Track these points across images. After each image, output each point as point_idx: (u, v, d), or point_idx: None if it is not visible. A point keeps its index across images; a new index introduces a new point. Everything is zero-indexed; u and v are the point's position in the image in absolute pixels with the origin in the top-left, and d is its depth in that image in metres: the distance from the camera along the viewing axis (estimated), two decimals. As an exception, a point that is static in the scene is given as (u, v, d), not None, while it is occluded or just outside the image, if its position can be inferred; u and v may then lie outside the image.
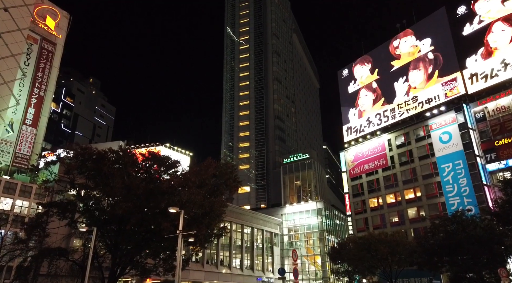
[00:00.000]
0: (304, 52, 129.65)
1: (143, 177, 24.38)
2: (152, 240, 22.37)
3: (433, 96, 54.79)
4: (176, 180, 22.68)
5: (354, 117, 66.34)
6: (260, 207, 79.65)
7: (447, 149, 50.53)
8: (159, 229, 20.57)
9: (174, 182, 22.65)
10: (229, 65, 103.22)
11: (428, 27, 58.59)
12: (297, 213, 69.88)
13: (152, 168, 24.82)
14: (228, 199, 26.06)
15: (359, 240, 44.13)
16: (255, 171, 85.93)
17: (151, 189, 22.11)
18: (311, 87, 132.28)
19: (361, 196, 60.43)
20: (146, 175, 24.42)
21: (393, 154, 57.65)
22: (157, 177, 24.20)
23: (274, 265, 65.36)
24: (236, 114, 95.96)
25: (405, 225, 52.88)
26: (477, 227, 33.55)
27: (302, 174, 73.76)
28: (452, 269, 34.59)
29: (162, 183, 23.24)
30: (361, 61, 68.79)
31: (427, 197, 51.79)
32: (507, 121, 46.27)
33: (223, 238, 54.41)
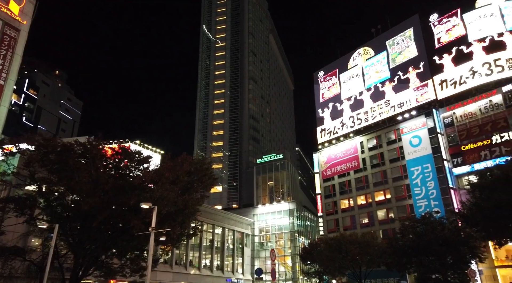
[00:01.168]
0: (280, 53, 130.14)
1: (112, 172, 22.90)
2: (120, 239, 20.94)
3: (405, 101, 56.23)
4: (148, 176, 21.40)
5: (328, 119, 66.99)
6: (231, 207, 78.72)
7: (417, 152, 51.95)
8: (128, 227, 19.28)
9: (146, 177, 21.37)
10: (204, 63, 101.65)
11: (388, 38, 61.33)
12: (269, 213, 69.60)
13: (122, 163, 23.38)
14: (203, 197, 25.07)
15: (330, 240, 44.32)
16: (228, 171, 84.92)
17: (121, 184, 20.74)
18: (286, 89, 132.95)
19: (333, 197, 61.01)
20: (115, 170, 22.93)
21: (365, 156, 58.63)
22: (128, 172, 22.78)
23: (244, 265, 64.69)
24: (210, 113, 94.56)
25: (374, 226, 53.82)
26: (445, 228, 34.53)
27: (275, 175, 73.60)
28: (419, 269, 35.35)
29: (132, 178, 21.88)
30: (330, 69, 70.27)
31: (396, 199, 52.98)
32: (473, 127, 48.16)
33: (193, 238, 53.06)
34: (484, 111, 47.66)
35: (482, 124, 47.31)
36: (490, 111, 47.18)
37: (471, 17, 52.23)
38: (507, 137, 44.36)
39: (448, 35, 53.96)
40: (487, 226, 27.86)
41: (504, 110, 45.90)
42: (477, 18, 51.65)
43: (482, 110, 47.95)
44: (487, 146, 45.93)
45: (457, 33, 52.87)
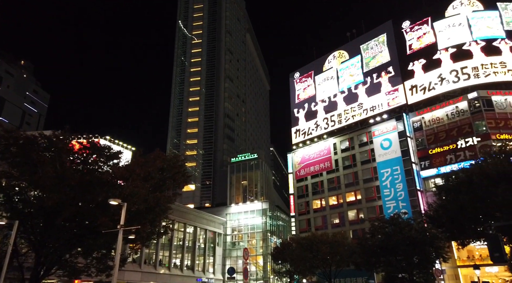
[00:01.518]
0: (256, 53, 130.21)
1: (79, 167, 21.84)
2: (86, 237, 19.97)
3: (377, 104, 57.67)
4: (117, 172, 20.55)
5: (303, 120, 67.65)
6: (204, 206, 77.82)
7: (387, 155, 53.40)
8: (95, 224, 18.42)
9: (116, 173, 20.50)
10: (179, 59, 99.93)
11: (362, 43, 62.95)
12: (242, 213, 69.35)
13: (91, 158, 22.36)
14: (175, 195, 24.41)
15: (302, 240, 44.72)
16: (202, 169, 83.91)
17: (88, 180, 19.80)
18: (261, 89, 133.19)
19: (306, 197, 61.65)
20: (83, 165, 21.88)
21: (338, 158, 59.64)
22: (96, 168, 21.79)
23: (216, 265, 64.10)
24: (185, 110, 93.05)
25: (345, 227, 54.82)
26: (412, 229, 35.61)
27: (249, 174, 73.44)
28: (387, 269, 36.28)
29: (101, 174, 20.94)
30: (306, 71, 71.03)
31: (366, 200, 54.22)
32: (440, 131, 50.09)
33: (164, 237, 51.95)
34: (451, 117, 49.68)
35: (449, 129, 49.30)
36: (456, 117, 49.23)
37: (440, 25, 54.35)
38: (471, 143, 46.42)
39: (419, 42, 55.87)
40: (452, 227, 28.87)
41: (469, 116, 48.02)
42: (447, 27, 53.81)
43: (449, 116, 49.96)
44: (452, 150, 47.88)
45: (428, 41, 54.85)
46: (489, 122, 46.21)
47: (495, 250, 12.49)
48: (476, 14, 52.81)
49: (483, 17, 52.42)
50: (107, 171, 21.38)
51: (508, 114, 46.49)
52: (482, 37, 51.10)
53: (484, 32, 51.39)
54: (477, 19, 52.46)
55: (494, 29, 51.42)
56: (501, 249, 13.08)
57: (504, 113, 46.63)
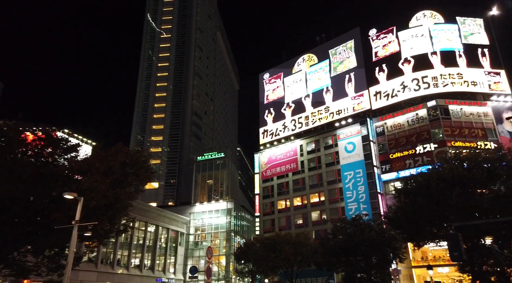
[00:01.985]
0: (227, 52, 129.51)
1: (32, 159, 20.34)
2: (37, 234, 18.59)
3: (343, 108, 59.14)
4: (75, 165, 19.34)
5: (271, 121, 67.99)
6: (167, 204, 76.02)
7: (351, 158, 54.84)
8: (48, 220, 17.17)
9: (73, 167, 19.29)
10: (147, 53, 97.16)
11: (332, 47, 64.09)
12: (206, 212, 68.47)
13: (46, 150, 20.91)
14: (138, 191, 23.41)
15: (266, 240, 44.79)
16: (166, 167, 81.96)
17: (42, 173, 18.47)
18: (231, 88, 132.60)
19: (271, 197, 61.96)
20: (36, 157, 20.41)
21: (304, 159, 60.48)
22: (51, 161, 20.38)
23: (177, 265, 62.79)
24: (151, 106, 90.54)
25: (308, 227, 55.60)
26: (372, 230, 36.72)
27: (215, 173, 72.71)
28: (347, 269, 37.15)
29: (57, 167, 19.61)
30: (276, 72, 71.56)
31: (329, 201, 55.34)
32: (401, 137, 52.19)
33: (123, 236, 50.08)
34: (411, 124, 51.92)
35: (409, 135, 51.47)
36: (416, 124, 51.51)
37: (405, 35, 56.75)
38: (429, 149, 48.74)
39: (384, 50, 57.99)
40: (409, 228, 30.01)
41: (428, 123, 50.41)
42: (410, 37, 56.29)
43: (409, 122, 52.17)
44: (411, 155, 50.02)
45: (392, 49, 57.05)
46: (445, 130, 48.76)
47: (455, 249, 13.01)
48: (437, 27, 55.67)
49: (443, 30, 55.36)
50: (63, 165, 20.07)
51: (463, 123, 49.31)
52: (442, 48, 53.94)
53: (444, 44, 54.26)
54: (438, 31, 55.32)
55: (453, 41, 54.45)
56: (460, 248, 13.64)
57: (459, 122, 49.40)
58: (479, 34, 55.32)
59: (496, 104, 50.24)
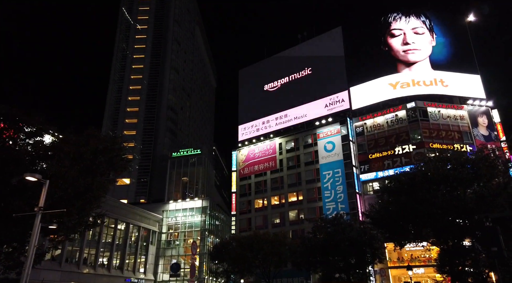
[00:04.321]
0: (205, 48, 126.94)
1: (-10, 142, 17.84)
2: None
3: (324, 107, 58.61)
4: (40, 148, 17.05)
5: (251, 118, 66.56)
6: (139, 202, 72.83)
7: (330, 157, 54.39)
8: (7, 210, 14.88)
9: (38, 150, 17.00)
10: (121, 44, 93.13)
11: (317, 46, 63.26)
12: (181, 210, 66.09)
13: (6, 133, 18.44)
14: (111, 181, 21.27)
15: (243, 239, 43.44)
16: (139, 163, 78.59)
17: (1, 157, 16.11)
18: (208, 85, 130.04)
19: (248, 196, 60.56)
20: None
21: (283, 158, 59.52)
22: (13, 145, 17.94)
23: (148, 265, 60.09)
24: (124, 98, 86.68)
25: (285, 227, 54.65)
26: (353, 230, 36.18)
27: (190, 170, 70.44)
28: (326, 269, 36.40)
29: (19, 151, 17.24)
30: (256, 69, 70.52)
31: (308, 200, 54.64)
32: (380, 138, 52.30)
33: (90, 233, 47.10)
34: (391, 124, 52.15)
35: (388, 136, 51.66)
36: (395, 125, 51.80)
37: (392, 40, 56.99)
38: (408, 150, 49.08)
39: (368, 50, 57.88)
40: (393, 227, 29.56)
41: (407, 125, 50.79)
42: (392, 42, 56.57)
43: (389, 123, 52.40)
44: (390, 156, 50.20)
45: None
46: (424, 131, 49.26)
47: (493, 244, 12.06)
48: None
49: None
50: (25, 148, 17.70)
51: (440, 126, 50.04)
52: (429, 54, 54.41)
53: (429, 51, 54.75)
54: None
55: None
56: (500, 243, 12.72)
57: (437, 124, 50.08)
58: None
59: (472, 108, 51.39)
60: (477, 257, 27.42)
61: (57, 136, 20.73)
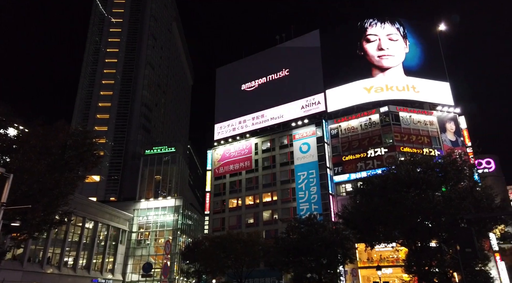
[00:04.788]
0: (182, 45, 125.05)
1: None
2: None
3: (300, 109, 59.09)
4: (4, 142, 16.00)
5: (227, 117, 66.09)
6: (109, 200, 70.59)
7: (305, 158, 54.88)
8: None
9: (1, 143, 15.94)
10: (95, 37, 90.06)
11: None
12: (152, 209, 64.64)
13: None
14: (80, 177, 20.31)
15: (216, 239, 43.05)
16: (110, 159, 76.21)
17: (-41, 150, 14.98)
18: (184, 82, 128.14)
19: (222, 195, 60.09)
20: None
21: (258, 158, 59.49)
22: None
23: (116, 264, 58.35)
24: (96, 93, 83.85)
25: (259, 227, 54.61)
26: (326, 230, 36.62)
27: (164, 168, 69.03)
28: (298, 269, 36.62)
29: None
30: (234, 68, 70.09)
31: (282, 201, 54.87)
32: (354, 140, 53.33)
33: (57, 232, 45.17)
34: (364, 128, 53.27)
35: (361, 139, 52.73)
36: (368, 128, 52.95)
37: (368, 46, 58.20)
38: (380, 153, 50.30)
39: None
40: (365, 228, 30.11)
41: (379, 128, 52.04)
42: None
43: (362, 126, 53.50)
44: (363, 158, 51.27)
45: (354, 53, 58.01)
46: (395, 135, 50.64)
47: (468, 246, 12.34)
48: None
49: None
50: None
51: (411, 130, 51.63)
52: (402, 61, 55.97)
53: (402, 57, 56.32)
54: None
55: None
56: (474, 245, 13.00)
57: (408, 129, 51.65)
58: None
59: (441, 114, 53.36)
60: (442, 257, 28.38)
61: (23, 130, 19.59)
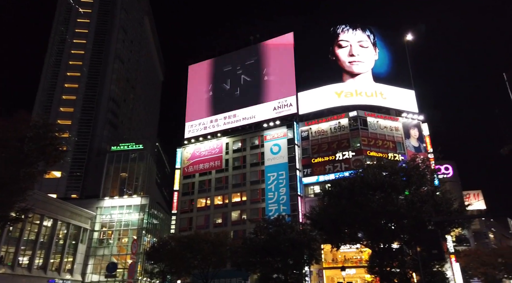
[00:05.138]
0: (153, 40, 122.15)
1: None
2: None
3: (272, 110, 59.38)
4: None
5: (199, 116, 65.20)
6: (70, 197, 67.49)
7: (275, 159, 55.19)
8: None
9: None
10: (60, 26, 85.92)
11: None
12: (117, 207, 62.53)
13: None
14: (41, 172, 19.13)
15: (183, 238, 42.27)
16: (73, 155, 72.86)
17: None
18: (155, 78, 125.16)
19: (191, 195, 59.19)
20: None
21: (229, 158, 59.14)
22: None
23: (75, 264, 55.96)
24: (60, 85, 79.97)
25: (227, 227, 54.25)
26: (294, 231, 36.96)
27: (130, 166, 67.03)
28: (265, 269, 36.71)
29: None
30: (206, 67, 69.33)
31: (251, 201, 54.84)
32: (323, 143, 54.31)
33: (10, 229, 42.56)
34: (334, 131, 54.41)
35: (331, 142, 53.81)
36: (338, 132, 54.13)
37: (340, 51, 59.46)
38: (347, 156, 51.55)
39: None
40: (332, 230, 30.66)
41: (348, 132, 53.35)
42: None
43: (332, 130, 54.62)
44: (331, 161, 52.32)
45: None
46: (363, 139, 52.12)
47: (434, 247, 12.72)
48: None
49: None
50: None
51: (378, 135, 53.33)
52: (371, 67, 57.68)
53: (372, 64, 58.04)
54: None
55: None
56: (440, 246, 13.41)
57: (374, 134, 53.31)
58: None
59: (406, 121, 55.51)
60: (403, 258, 29.45)
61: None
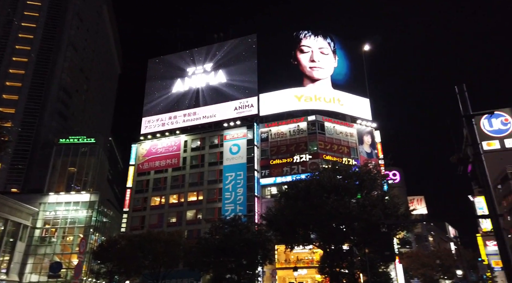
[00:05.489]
0: (112, 31, 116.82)
1: None
2: None
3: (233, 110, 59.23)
4: None
5: (157, 111, 63.31)
6: (10, 191, 62.45)
7: (234, 159, 55.06)
8: None
9: None
10: (6, 7, 79.43)
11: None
12: (63, 203, 58.84)
13: None
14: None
15: (134, 238, 40.79)
16: (15, 146, 67.49)
17: None
18: (111, 70, 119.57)
19: (145, 193, 57.27)
20: None
21: (187, 156, 58.05)
22: None
23: (12, 264, 51.84)
24: (4, 70, 73.91)
25: (181, 226, 53.07)
26: (249, 231, 37.09)
27: (80, 160, 63.46)
28: (219, 270, 36.47)
29: None
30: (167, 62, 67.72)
31: (207, 201, 54.24)
32: (282, 145, 55.12)
33: None
34: (292, 134, 55.44)
35: (289, 145, 54.74)
36: (296, 135, 55.24)
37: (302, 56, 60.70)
38: (304, 159, 52.79)
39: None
40: (287, 231, 31.17)
41: (306, 136, 54.63)
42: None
43: (291, 133, 55.61)
44: (289, 163, 53.25)
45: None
46: (320, 143, 53.64)
47: (387, 248, 13.20)
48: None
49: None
50: None
51: (334, 140, 55.15)
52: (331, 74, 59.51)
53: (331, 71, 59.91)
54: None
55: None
56: (392, 248, 13.92)
57: (331, 138, 55.09)
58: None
59: (360, 127, 57.95)
60: (352, 259, 30.68)
61: None
